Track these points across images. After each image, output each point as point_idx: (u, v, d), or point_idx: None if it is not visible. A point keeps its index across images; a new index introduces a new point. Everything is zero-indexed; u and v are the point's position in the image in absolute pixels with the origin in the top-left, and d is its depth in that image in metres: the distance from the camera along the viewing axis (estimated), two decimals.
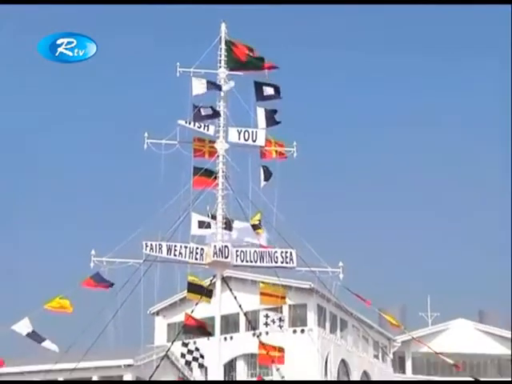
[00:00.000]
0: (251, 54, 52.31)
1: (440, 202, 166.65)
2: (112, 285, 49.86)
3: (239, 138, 52.15)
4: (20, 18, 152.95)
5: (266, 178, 52.43)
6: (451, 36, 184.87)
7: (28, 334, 48.92)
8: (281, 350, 54.79)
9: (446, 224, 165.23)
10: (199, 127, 52.61)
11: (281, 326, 60.45)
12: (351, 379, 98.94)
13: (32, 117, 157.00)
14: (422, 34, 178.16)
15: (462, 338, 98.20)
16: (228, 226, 51.96)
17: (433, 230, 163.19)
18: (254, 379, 66.23)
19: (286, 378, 54.42)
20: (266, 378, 55.20)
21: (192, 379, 55.46)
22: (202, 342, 54.36)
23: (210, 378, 58.21)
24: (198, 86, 53.18)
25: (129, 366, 77.69)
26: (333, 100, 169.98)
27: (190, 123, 52.27)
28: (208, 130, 52.59)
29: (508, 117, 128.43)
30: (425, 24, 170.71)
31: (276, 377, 54.61)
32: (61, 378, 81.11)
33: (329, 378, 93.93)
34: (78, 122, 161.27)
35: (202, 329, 53.07)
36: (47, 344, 49.58)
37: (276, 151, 53.27)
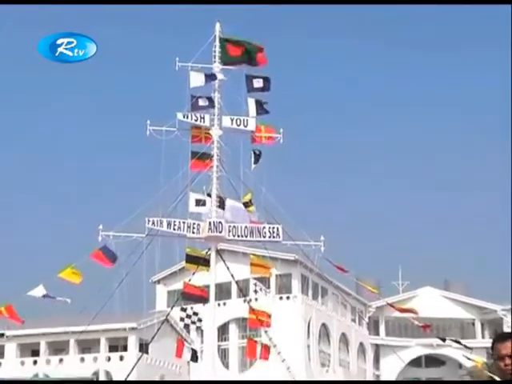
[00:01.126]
0: (246, 47, 52.20)
1: (413, 180, 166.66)
2: (116, 260, 49.85)
3: (232, 124, 52.28)
4: (20, 18, 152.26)
5: (256, 161, 52.32)
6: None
7: (43, 295, 48.93)
8: (268, 314, 54.66)
9: (420, 201, 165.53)
10: (196, 120, 52.52)
11: (267, 294, 60.32)
12: (331, 341, 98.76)
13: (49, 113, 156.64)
14: (417, 28, 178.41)
15: (429, 303, 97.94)
16: (222, 204, 51.72)
17: (407, 207, 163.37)
18: (245, 340, 65.66)
19: (273, 340, 54.19)
20: (256, 339, 54.72)
21: (189, 341, 54.95)
22: (198, 308, 54.07)
23: (205, 340, 58.02)
24: (196, 79, 52.97)
25: (133, 328, 77.32)
26: (322, 88, 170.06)
27: (187, 117, 52.37)
28: (204, 121, 52.54)
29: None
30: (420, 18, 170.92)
31: (264, 339, 54.38)
32: (72, 340, 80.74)
33: (311, 340, 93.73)
34: (87, 113, 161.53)
35: (199, 296, 52.81)
36: (61, 298, 49.67)
37: (265, 136, 53.09)
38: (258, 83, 52.37)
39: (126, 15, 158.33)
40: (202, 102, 52.81)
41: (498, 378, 5.13)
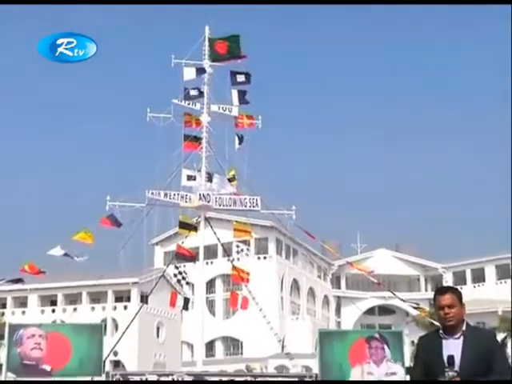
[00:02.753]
0: (230, 46, 52.52)
1: (371, 152, 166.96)
2: (121, 225, 49.77)
3: (218, 111, 52.93)
4: (20, 18, 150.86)
5: (240, 143, 52.47)
6: None
7: (64, 254, 48.86)
8: (248, 272, 54.77)
9: (373, 172, 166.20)
10: (188, 104, 52.71)
11: (247, 254, 60.23)
12: (300, 293, 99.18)
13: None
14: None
15: (382, 262, 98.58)
16: (210, 179, 51.76)
17: (364, 176, 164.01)
18: (228, 293, 65.79)
19: (252, 293, 54.29)
20: (238, 292, 54.74)
21: (182, 293, 54.88)
22: (189, 266, 54.11)
23: (195, 292, 58.19)
24: (189, 73, 53.16)
25: (135, 283, 77.38)
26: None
27: (181, 101, 52.51)
28: (195, 106, 52.86)
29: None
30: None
31: (245, 292, 54.48)
32: (84, 292, 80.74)
33: (283, 293, 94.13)
34: (100, 106, 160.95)
35: (190, 256, 52.84)
36: (81, 259, 49.71)
37: (246, 122, 53.24)
38: (240, 78, 52.73)
39: (127, 14, 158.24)
40: (193, 93, 53.13)
41: (438, 324, 5.13)
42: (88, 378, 45.19)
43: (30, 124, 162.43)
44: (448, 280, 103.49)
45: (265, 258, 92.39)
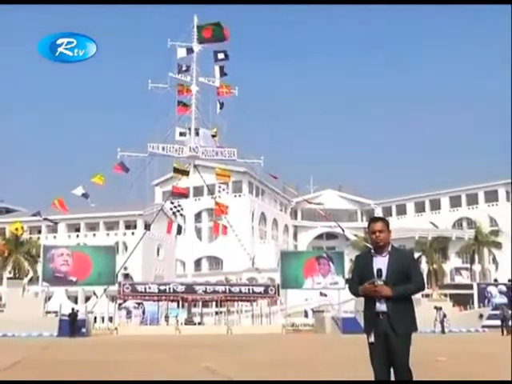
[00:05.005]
0: (214, 31, 52.14)
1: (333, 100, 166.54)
2: (128, 170, 49.58)
3: (205, 81, 52.70)
4: (21, 18, 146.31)
5: (220, 107, 52.42)
6: None
7: (82, 194, 48.37)
8: (227, 206, 54.84)
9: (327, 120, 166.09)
10: (181, 77, 52.39)
11: (227, 193, 60.02)
12: (267, 223, 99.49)
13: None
14: None
15: (329, 200, 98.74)
16: (197, 134, 51.64)
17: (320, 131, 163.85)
18: (212, 223, 65.96)
19: (230, 222, 54.49)
20: (219, 222, 54.88)
21: (176, 223, 54.95)
22: (182, 201, 53.96)
23: (187, 222, 58.31)
24: (181, 53, 52.77)
25: (140, 215, 76.98)
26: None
27: (175, 74, 52.09)
28: (186, 78, 52.42)
29: None
30: None
31: (224, 222, 54.69)
32: (101, 221, 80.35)
33: (254, 223, 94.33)
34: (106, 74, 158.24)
35: (182, 194, 52.79)
36: (93, 205, 49.55)
37: (226, 91, 52.89)
38: (220, 55, 52.54)
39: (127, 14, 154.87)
40: (184, 68, 52.78)
41: (370, 246, 5.19)
42: (104, 287, 45.54)
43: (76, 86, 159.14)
44: (378, 213, 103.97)
45: (240, 196, 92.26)
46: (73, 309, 40.64)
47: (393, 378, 4.89)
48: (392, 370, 4.89)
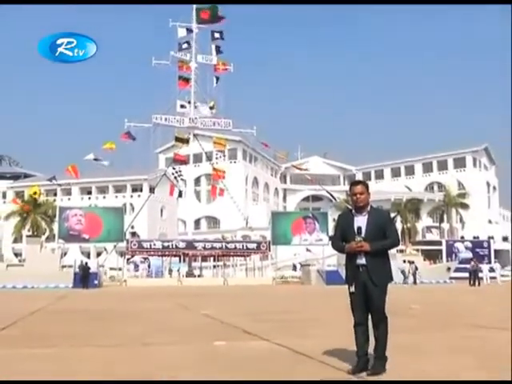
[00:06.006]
0: (211, 13, 51.37)
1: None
2: (135, 139, 49.28)
3: (202, 60, 52.07)
4: (21, 18, 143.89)
5: (217, 82, 51.91)
6: None
7: (94, 159, 48.13)
8: (223, 171, 54.73)
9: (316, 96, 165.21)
10: (181, 55, 51.62)
11: (223, 159, 59.84)
12: (259, 187, 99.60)
13: None
14: None
15: (315, 165, 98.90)
16: (196, 107, 51.26)
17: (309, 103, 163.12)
18: (210, 186, 65.96)
19: (226, 186, 54.46)
20: (216, 185, 54.79)
21: (178, 186, 54.81)
22: (183, 167, 53.85)
23: (187, 186, 58.27)
24: (181, 32, 52.02)
25: (145, 179, 76.95)
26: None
27: (175, 52, 51.46)
28: (186, 56, 51.68)
29: None
30: None
31: (221, 185, 54.66)
32: (110, 185, 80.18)
33: (248, 186, 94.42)
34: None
35: (183, 160, 52.62)
36: (104, 162, 49.18)
37: (222, 68, 52.34)
38: (217, 35, 51.89)
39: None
40: (184, 46, 52.14)
41: (350, 207, 5.20)
42: (114, 244, 45.67)
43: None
44: (359, 177, 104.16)
45: (235, 162, 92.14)
46: (81, 261, 40.92)
47: (370, 322, 4.97)
48: (370, 315, 4.96)
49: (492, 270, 43.17)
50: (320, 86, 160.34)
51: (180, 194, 54.82)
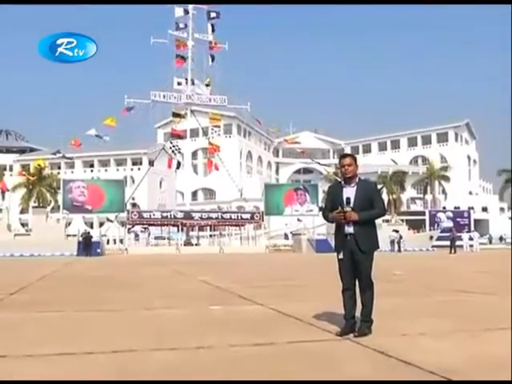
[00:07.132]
0: None
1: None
2: (132, 108, 49.36)
3: (199, 36, 51.47)
4: (20, 17, 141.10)
5: (212, 60, 51.40)
6: None
7: (95, 135, 47.84)
8: (219, 146, 54.54)
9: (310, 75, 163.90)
10: (178, 33, 51.03)
11: (219, 134, 59.49)
12: (253, 160, 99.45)
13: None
14: None
15: (306, 140, 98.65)
16: (193, 84, 50.78)
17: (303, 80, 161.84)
18: (206, 159, 65.81)
19: (222, 159, 54.34)
20: (212, 159, 54.68)
21: (176, 159, 54.54)
22: (180, 142, 53.62)
23: (185, 159, 58.04)
24: (178, 12, 51.40)
25: (145, 153, 76.68)
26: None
27: (174, 31, 50.82)
28: (184, 34, 51.06)
29: None
30: None
31: (217, 159, 54.55)
32: (112, 158, 79.75)
33: (242, 160, 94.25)
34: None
35: (181, 135, 52.37)
36: (106, 138, 48.93)
37: (217, 46, 51.83)
38: (213, 14, 51.18)
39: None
40: (181, 25, 51.39)
41: (339, 179, 5.21)
42: (115, 214, 45.62)
43: None
44: (347, 151, 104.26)
45: (230, 137, 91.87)
46: (85, 230, 40.99)
47: (357, 287, 5.02)
48: (357, 281, 5.01)
49: (471, 238, 43.57)
50: (312, 63, 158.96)
51: (178, 167, 54.73)
